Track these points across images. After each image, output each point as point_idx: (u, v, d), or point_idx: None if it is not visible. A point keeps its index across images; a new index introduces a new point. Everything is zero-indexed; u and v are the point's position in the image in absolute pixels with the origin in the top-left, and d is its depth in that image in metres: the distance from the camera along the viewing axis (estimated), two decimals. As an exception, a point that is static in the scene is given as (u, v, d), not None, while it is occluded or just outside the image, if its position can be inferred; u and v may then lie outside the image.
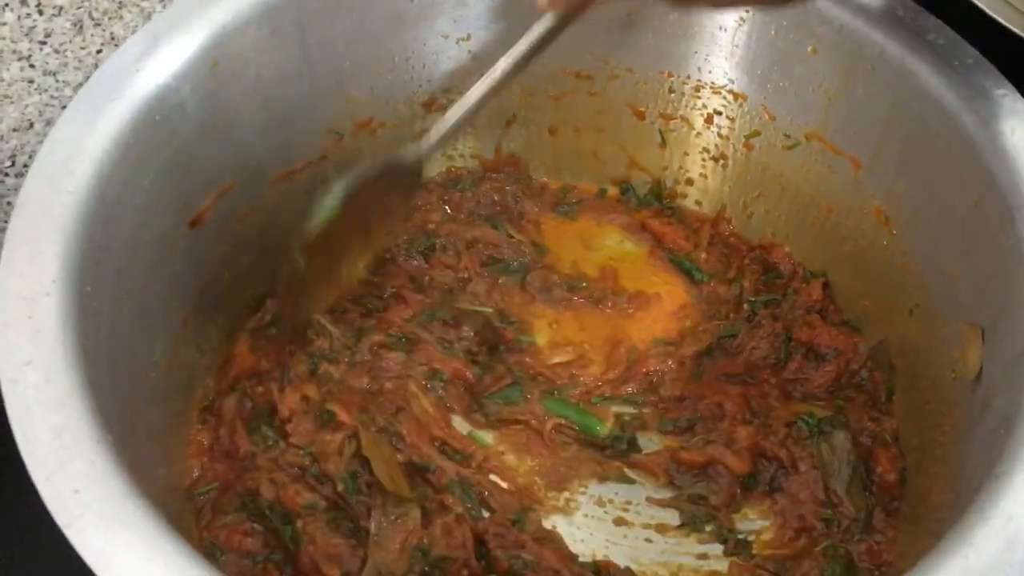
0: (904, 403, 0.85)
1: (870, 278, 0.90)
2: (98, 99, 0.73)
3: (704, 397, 0.88)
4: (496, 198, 1.01)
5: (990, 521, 0.56)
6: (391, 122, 0.97)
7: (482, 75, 0.77)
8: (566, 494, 0.83)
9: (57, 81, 0.98)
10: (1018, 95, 0.76)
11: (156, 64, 0.76)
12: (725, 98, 0.96)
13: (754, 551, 0.80)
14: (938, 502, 0.73)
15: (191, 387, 0.85)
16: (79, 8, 0.94)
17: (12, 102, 0.96)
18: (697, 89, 0.97)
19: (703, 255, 0.98)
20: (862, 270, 0.91)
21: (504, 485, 0.82)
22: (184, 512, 0.78)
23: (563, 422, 0.86)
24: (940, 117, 0.78)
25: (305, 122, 0.90)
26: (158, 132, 0.76)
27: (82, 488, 0.56)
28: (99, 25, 0.97)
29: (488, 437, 0.86)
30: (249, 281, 0.91)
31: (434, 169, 1.03)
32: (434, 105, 0.99)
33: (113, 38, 0.99)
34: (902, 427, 0.85)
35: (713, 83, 0.96)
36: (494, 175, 1.03)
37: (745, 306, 0.94)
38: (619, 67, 0.97)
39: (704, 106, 0.98)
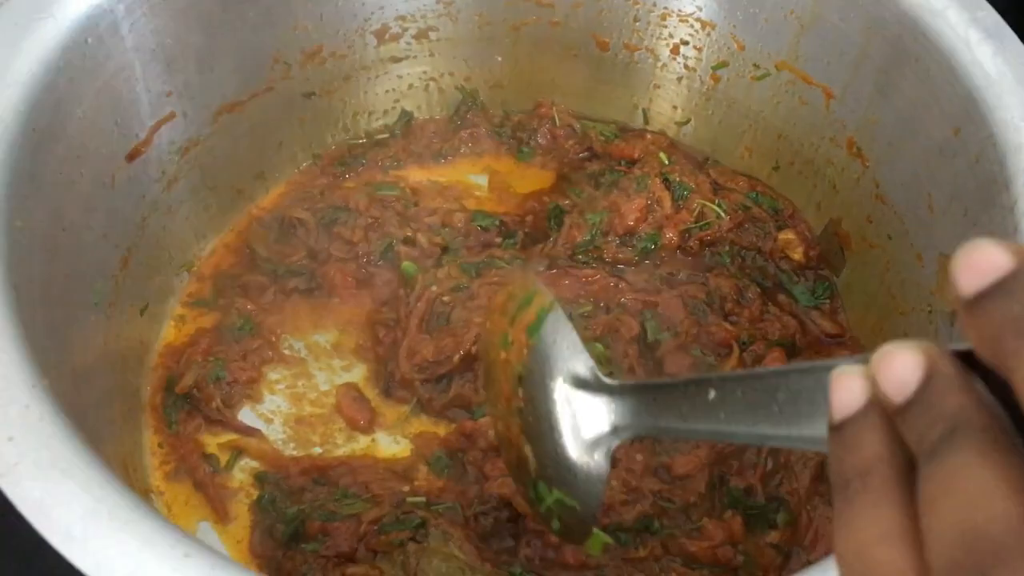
0: (877, 339, 0.83)
1: (841, 211, 0.88)
2: (23, 18, 0.68)
3: None
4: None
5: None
6: (341, 52, 0.92)
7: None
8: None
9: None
10: (998, 16, 0.74)
11: (88, -19, 0.70)
12: (692, 26, 0.93)
13: None
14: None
15: (135, 337, 0.81)
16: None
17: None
18: (663, 17, 0.93)
19: None
20: (833, 204, 0.89)
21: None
22: (129, 460, 0.74)
23: None
24: (919, 41, 0.75)
25: (250, 50, 0.84)
26: (90, 56, 0.70)
27: (17, 435, 0.51)
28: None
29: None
30: (195, 220, 0.86)
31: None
32: (387, 35, 0.94)
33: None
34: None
35: (680, 10, 0.92)
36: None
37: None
38: (582, -7, 0.93)
39: (670, 36, 0.94)
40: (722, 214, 0.91)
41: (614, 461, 0.77)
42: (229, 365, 0.83)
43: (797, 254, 0.91)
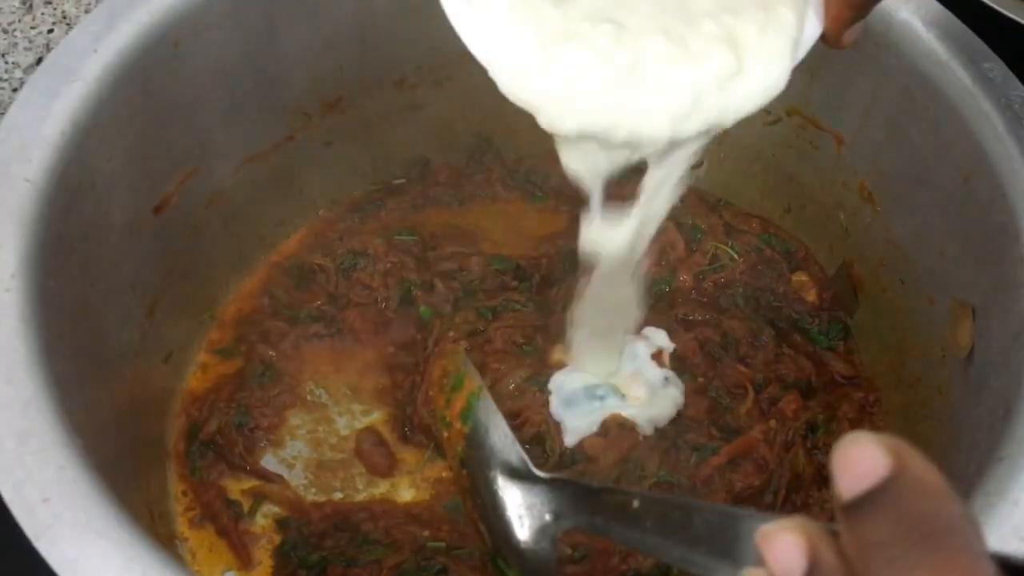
0: (892, 381, 0.84)
1: (854, 254, 0.89)
2: (54, 81, 0.69)
3: None
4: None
5: (996, 507, 0.55)
6: (360, 102, 0.93)
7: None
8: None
9: (6, 63, 0.93)
10: (1006, 67, 0.75)
11: (115, 43, 0.72)
12: (704, 73, 0.94)
13: None
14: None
15: (159, 385, 0.82)
16: (28, -15, 0.90)
17: (-41, 85, 0.92)
18: (675, 64, 0.94)
19: None
20: (846, 246, 0.90)
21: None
22: (155, 507, 0.75)
23: None
24: (927, 91, 0.76)
25: (271, 102, 0.86)
26: (118, 115, 0.72)
27: (52, 496, 0.53)
28: (50, 3, 0.92)
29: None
30: (217, 268, 0.88)
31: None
32: (405, 84, 0.95)
33: (65, 17, 0.94)
34: (888, 404, 0.84)
35: (692, 58, 0.93)
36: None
37: None
38: (595, 42, 0.94)
39: (682, 81, 0.95)
40: (735, 256, 0.92)
41: None
42: (252, 411, 0.84)
43: (811, 296, 0.92)
